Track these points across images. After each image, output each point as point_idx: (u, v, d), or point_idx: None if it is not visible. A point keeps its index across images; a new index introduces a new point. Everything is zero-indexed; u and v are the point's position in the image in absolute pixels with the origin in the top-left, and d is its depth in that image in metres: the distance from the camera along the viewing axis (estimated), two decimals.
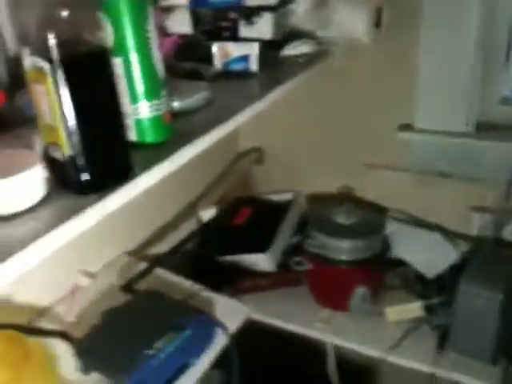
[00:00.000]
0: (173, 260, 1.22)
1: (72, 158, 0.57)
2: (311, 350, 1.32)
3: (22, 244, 0.52)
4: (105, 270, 1.15)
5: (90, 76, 0.56)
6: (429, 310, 1.26)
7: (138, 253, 1.25)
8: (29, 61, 0.54)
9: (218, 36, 0.94)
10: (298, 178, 1.55)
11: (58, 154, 0.58)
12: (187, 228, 1.37)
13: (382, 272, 1.35)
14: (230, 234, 1.41)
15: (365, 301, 1.29)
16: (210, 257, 1.34)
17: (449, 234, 1.36)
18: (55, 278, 1.02)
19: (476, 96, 1.29)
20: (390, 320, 1.27)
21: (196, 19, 0.95)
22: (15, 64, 0.75)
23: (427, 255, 1.34)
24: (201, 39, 0.94)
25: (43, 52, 0.52)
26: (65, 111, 0.55)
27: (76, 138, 0.56)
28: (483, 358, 1.12)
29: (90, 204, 0.58)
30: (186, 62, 0.91)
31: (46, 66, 0.52)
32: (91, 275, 1.06)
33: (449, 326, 1.17)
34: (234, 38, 0.94)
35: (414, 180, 1.38)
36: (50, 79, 0.53)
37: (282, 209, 1.45)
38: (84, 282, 1.04)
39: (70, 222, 0.56)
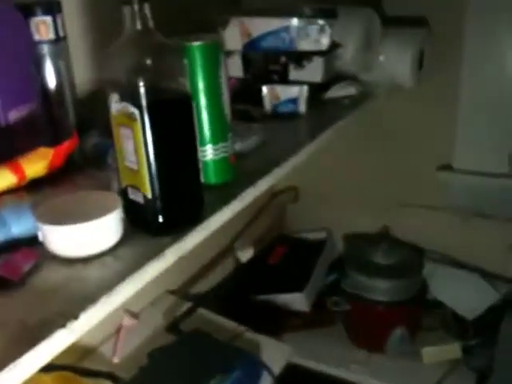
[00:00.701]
0: (212, 301, 1.21)
1: (152, 201, 0.58)
2: None
3: (107, 287, 0.52)
4: (148, 310, 1.14)
5: (175, 121, 0.57)
6: (467, 351, 1.25)
7: (178, 292, 1.24)
8: (118, 106, 0.55)
9: (268, 79, 0.97)
10: (334, 217, 1.54)
11: (137, 197, 0.59)
12: (225, 268, 1.37)
13: (420, 313, 1.34)
14: (265, 273, 1.41)
15: (402, 342, 1.28)
16: (247, 296, 1.33)
17: (488, 275, 1.35)
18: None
19: None
20: (427, 361, 1.26)
21: (248, 63, 0.97)
22: (81, 106, 0.77)
23: (466, 296, 1.33)
24: (252, 82, 0.96)
25: (132, 98, 0.54)
26: (150, 155, 0.56)
27: (157, 182, 0.57)
28: None
29: (167, 245, 0.59)
30: (238, 104, 0.93)
31: (135, 111, 0.54)
32: (135, 315, 1.06)
33: (488, 369, 1.16)
34: (284, 80, 0.96)
35: (453, 220, 1.37)
36: (138, 124, 0.54)
37: (316, 247, 1.46)
38: (129, 321, 1.03)
39: (150, 262, 0.56)
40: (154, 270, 0.57)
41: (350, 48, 0.98)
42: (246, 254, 1.36)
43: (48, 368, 0.80)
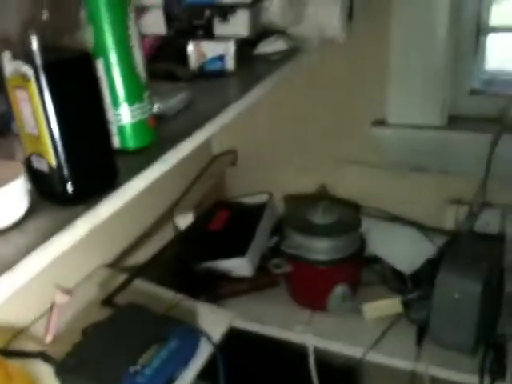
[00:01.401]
0: (151, 270, 1.18)
1: (58, 169, 0.54)
2: (293, 352, 1.30)
3: (9, 263, 0.48)
4: (83, 285, 1.10)
5: (75, 81, 0.53)
6: (407, 305, 1.26)
7: (115, 264, 1.21)
8: (10, 66, 0.50)
9: (193, 35, 0.92)
10: (273, 179, 1.53)
11: (42, 164, 0.54)
12: (164, 236, 1.34)
13: (359, 270, 1.35)
14: (206, 239, 1.38)
15: (344, 299, 1.29)
16: (188, 264, 1.31)
17: (424, 229, 1.38)
18: (31, 296, 0.97)
19: (448, 88, 1.30)
20: (368, 317, 1.27)
21: (170, 19, 0.92)
22: None
23: (403, 251, 1.35)
24: (175, 39, 0.91)
25: (26, 56, 0.49)
26: (50, 118, 0.51)
27: (61, 147, 0.53)
28: (463, 349, 1.13)
29: (78, 215, 0.55)
30: (160, 63, 0.88)
31: (29, 71, 0.49)
32: (69, 291, 1.01)
33: (427, 320, 1.18)
34: (209, 36, 0.92)
35: (389, 176, 1.38)
36: (33, 84, 0.49)
37: (257, 211, 1.44)
38: (62, 298, 0.99)
39: (60, 234, 0.52)
40: (63, 242, 0.53)
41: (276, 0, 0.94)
42: (184, 220, 1.32)
43: None
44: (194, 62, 0.92)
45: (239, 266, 1.31)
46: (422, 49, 1.25)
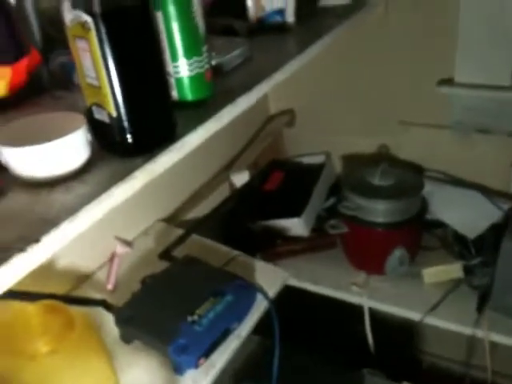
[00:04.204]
0: (207, 226, 1.19)
1: (118, 119, 0.54)
2: (348, 313, 1.30)
3: (71, 210, 0.49)
4: (141, 238, 1.14)
5: (134, 31, 0.53)
6: (468, 270, 1.24)
7: (172, 220, 1.24)
8: (70, 15, 0.50)
9: None
10: (332, 140, 1.50)
11: (102, 115, 0.55)
12: (220, 194, 1.35)
13: (419, 233, 1.32)
14: (262, 199, 1.39)
15: (402, 263, 1.27)
16: (244, 223, 1.32)
17: (490, 193, 1.32)
18: (93, 245, 1.01)
19: None
20: (427, 282, 1.25)
21: None
22: (49, 23, 0.72)
23: (467, 215, 1.30)
24: None
25: (85, 5, 0.49)
26: (110, 68, 0.51)
27: (121, 98, 0.53)
28: None
29: (137, 166, 0.55)
30: (219, 17, 0.87)
31: (88, 19, 0.49)
32: (128, 243, 1.05)
33: (489, 287, 1.15)
34: None
35: (454, 137, 1.33)
36: (93, 33, 0.50)
37: (314, 172, 1.42)
38: (122, 249, 1.02)
39: (119, 185, 0.53)
40: (122, 192, 0.54)
41: None
42: (240, 178, 1.32)
43: (34, 297, 0.80)
44: (252, 15, 0.90)
45: (295, 226, 1.31)
46: (493, 8, 1.18)
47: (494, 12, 1.19)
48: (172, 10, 0.61)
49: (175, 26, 0.62)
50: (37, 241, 0.46)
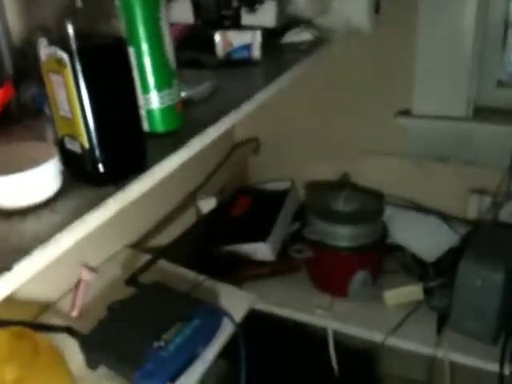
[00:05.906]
0: (175, 252, 1.20)
1: (90, 150, 0.56)
2: (313, 336, 1.32)
3: (42, 239, 0.51)
4: (107, 264, 1.14)
5: (108, 66, 0.55)
6: (428, 292, 1.27)
7: (139, 245, 1.24)
8: (47, 51, 0.52)
9: (220, 25, 0.93)
10: (296, 167, 1.55)
11: (74, 146, 0.57)
12: (187, 219, 1.36)
13: (381, 257, 1.36)
14: (230, 224, 1.41)
15: (365, 286, 1.30)
16: (211, 248, 1.33)
17: (447, 218, 1.38)
18: (58, 272, 1.00)
19: (474, 80, 1.30)
20: (389, 304, 1.28)
21: (198, 8, 0.94)
22: (19, 55, 0.74)
23: (426, 239, 1.35)
24: (202, 28, 0.93)
25: (62, 42, 0.51)
26: (84, 102, 0.53)
27: (94, 130, 0.55)
28: (483, 337, 1.14)
29: (109, 194, 0.57)
30: (188, 51, 0.90)
31: (65, 56, 0.51)
32: (94, 269, 1.05)
33: (448, 308, 1.19)
34: (236, 26, 0.93)
35: (413, 165, 1.38)
36: (69, 70, 0.52)
37: (279, 197, 1.46)
38: (87, 276, 1.02)
39: (91, 212, 0.55)
40: (95, 220, 0.55)
41: None
42: (207, 205, 1.35)
43: (1, 324, 0.79)
44: (220, 50, 0.93)
45: (261, 251, 1.33)
46: (450, 41, 1.25)
47: (450, 46, 1.26)
48: (145, 46, 0.64)
49: (147, 61, 0.65)
50: (8, 269, 0.47)
